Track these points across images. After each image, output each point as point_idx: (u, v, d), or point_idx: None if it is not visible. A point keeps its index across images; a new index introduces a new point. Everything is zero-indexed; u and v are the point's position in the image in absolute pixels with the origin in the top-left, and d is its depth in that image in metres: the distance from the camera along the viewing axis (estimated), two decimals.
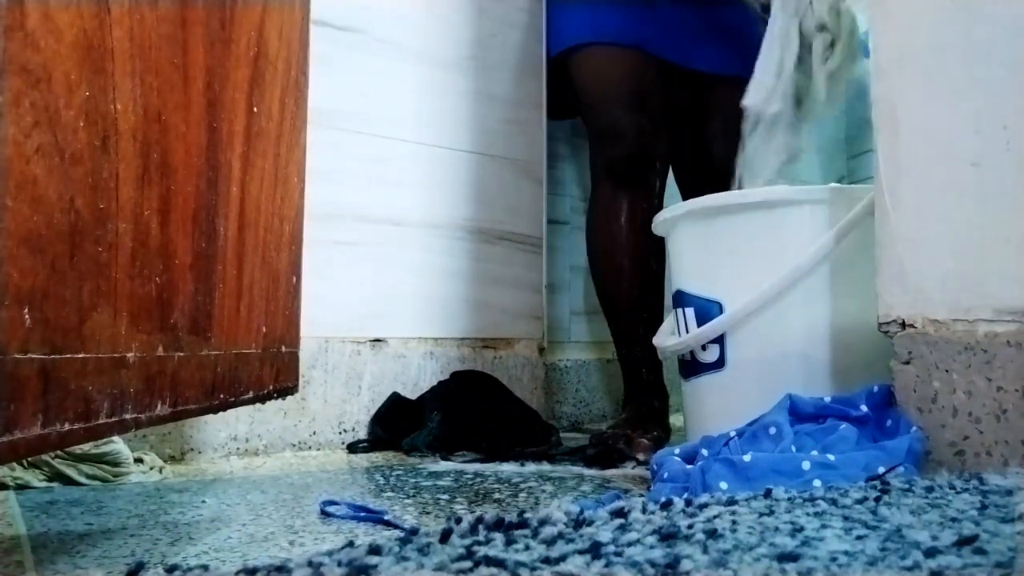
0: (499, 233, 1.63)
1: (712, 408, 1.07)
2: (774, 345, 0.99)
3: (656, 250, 1.37)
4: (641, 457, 1.17)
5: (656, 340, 1.19)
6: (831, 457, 0.73)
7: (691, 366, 1.09)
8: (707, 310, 1.04)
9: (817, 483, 0.69)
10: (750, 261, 1.01)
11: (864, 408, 0.82)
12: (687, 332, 1.07)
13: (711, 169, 1.40)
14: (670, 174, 1.52)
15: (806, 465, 0.72)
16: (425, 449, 1.27)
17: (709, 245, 1.07)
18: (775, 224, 1.00)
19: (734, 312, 1.00)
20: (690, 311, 1.07)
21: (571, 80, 1.47)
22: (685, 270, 1.11)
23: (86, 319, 0.54)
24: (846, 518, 0.51)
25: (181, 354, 0.68)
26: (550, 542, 0.44)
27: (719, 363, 1.04)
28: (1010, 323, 0.73)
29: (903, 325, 0.82)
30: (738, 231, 1.03)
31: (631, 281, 1.40)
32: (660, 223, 1.18)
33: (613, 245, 1.41)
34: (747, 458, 0.74)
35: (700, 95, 1.45)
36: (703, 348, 1.06)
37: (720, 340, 1.03)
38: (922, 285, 0.80)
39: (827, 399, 0.84)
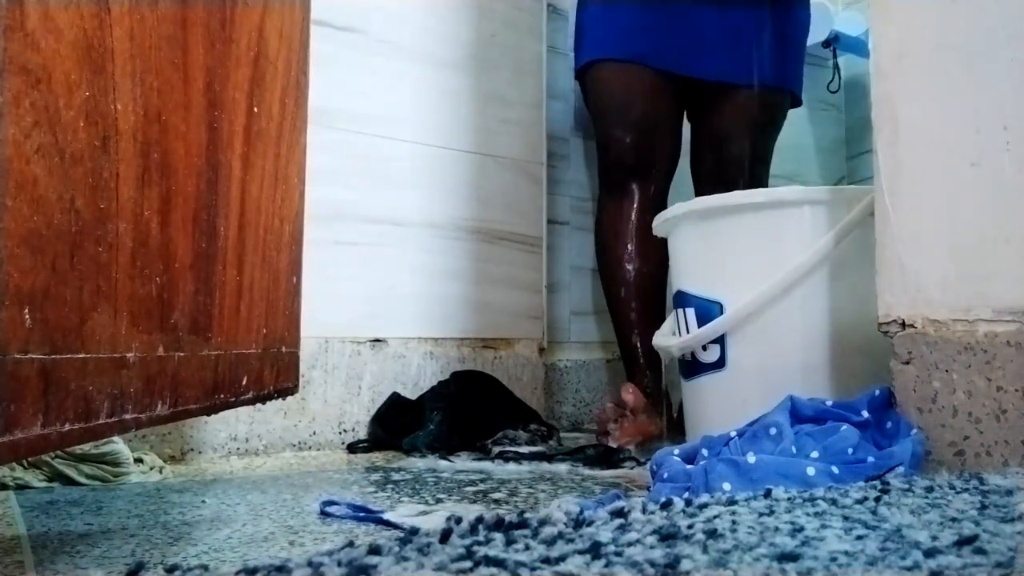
0: (499, 233, 1.63)
1: (713, 408, 1.07)
2: (774, 345, 0.99)
3: (654, 251, 1.42)
4: (626, 442, 1.20)
5: (656, 340, 1.19)
6: (836, 470, 0.73)
7: (692, 366, 1.09)
8: (708, 310, 1.04)
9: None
10: (750, 261, 1.01)
11: (865, 414, 0.82)
12: (688, 332, 1.07)
13: (724, 173, 1.48)
14: (685, 176, 1.57)
15: (811, 471, 0.72)
16: (425, 449, 1.27)
17: (710, 246, 1.07)
18: (775, 225, 1.00)
19: (734, 312, 1.00)
20: (691, 311, 1.07)
21: (585, 93, 1.54)
22: (686, 270, 1.11)
23: (86, 319, 0.54)
24: (846, 518, 0.51)
25: (181, 354, 0.68)
26: (550, 542, 0.44)
27: (719, 363, 1.04)
28: (1010, 323, 0.73)
29: (903, 325, 0.82)
30: (738, 232, 1.03)
31: (628, 283, 1.44)
32: (660, 224, 1.18)
33: (612, 245, 1.47)
34: (752, 459, 0.73)
35: (709, 101, 1.48)
36: (704, 348, 1.06)
37: (721, 340, 1.03)
38: (922, 285, 0.80)
39: (828, 403, 0.84)
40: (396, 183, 1.50)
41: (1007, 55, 0.74)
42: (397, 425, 1.38)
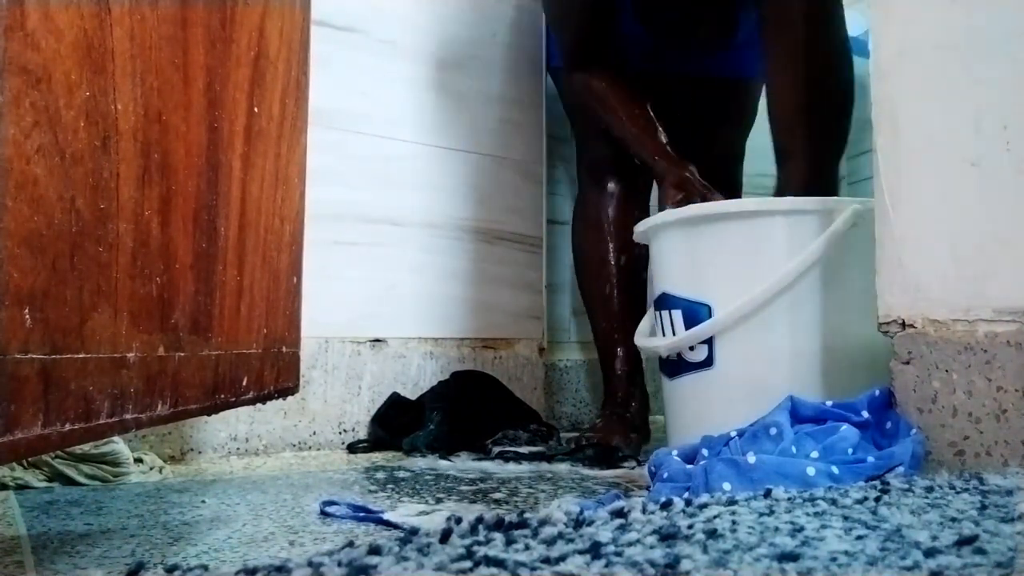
0: (499, 233, 1.63)
1: (697, 406, 1.08)
2: (764, 344, 1.00)
3: (636, 248, 1.40)
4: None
5: (639, 341, 1.19)
6: (835, 470, 0.73)
7: (676, 365, 1.09)
8: (696, 312, 1.05)
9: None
10: (740, 266, 1.03)
11: (865, 414, 0.82)
12: (674, 334, 1.07)
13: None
14: None
15: (811, 471, 0.72)
16: (425, 449, 1.27)
17: (698, 251, 1.08)
18: (764, 231, 1.02)
19: (727, 314, 1.01)
20: (677, 313, 1.08)
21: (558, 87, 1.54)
22: (671, 274, 1.11)
23: (87, 319, 0.54)
24: (846, 518, 0.51)
25: (182, 354, 0.68)
26: (550, 542, 0.44)
27: (707, 362, 1.04)
28: (1010, 323, 0.73)
29: (903, 325, 0.82)
30: (728, 238, 1.05)
31: (608, 280, 1.42)
32: (641, 232, 1.18)
33: (591, 242, 1.45)
34: (752, 459, 0.74)
35: (686, 97, 1.48)
36: (691, 348, 1.06)
37: (709, 340, 1.04)
38: (922, 285, 0.80)
39: (828, 403, 0.84)
40: (396, 183, 1.50)
41: (1007, 55, 0.74)
42: (397, 425, 1.38)
